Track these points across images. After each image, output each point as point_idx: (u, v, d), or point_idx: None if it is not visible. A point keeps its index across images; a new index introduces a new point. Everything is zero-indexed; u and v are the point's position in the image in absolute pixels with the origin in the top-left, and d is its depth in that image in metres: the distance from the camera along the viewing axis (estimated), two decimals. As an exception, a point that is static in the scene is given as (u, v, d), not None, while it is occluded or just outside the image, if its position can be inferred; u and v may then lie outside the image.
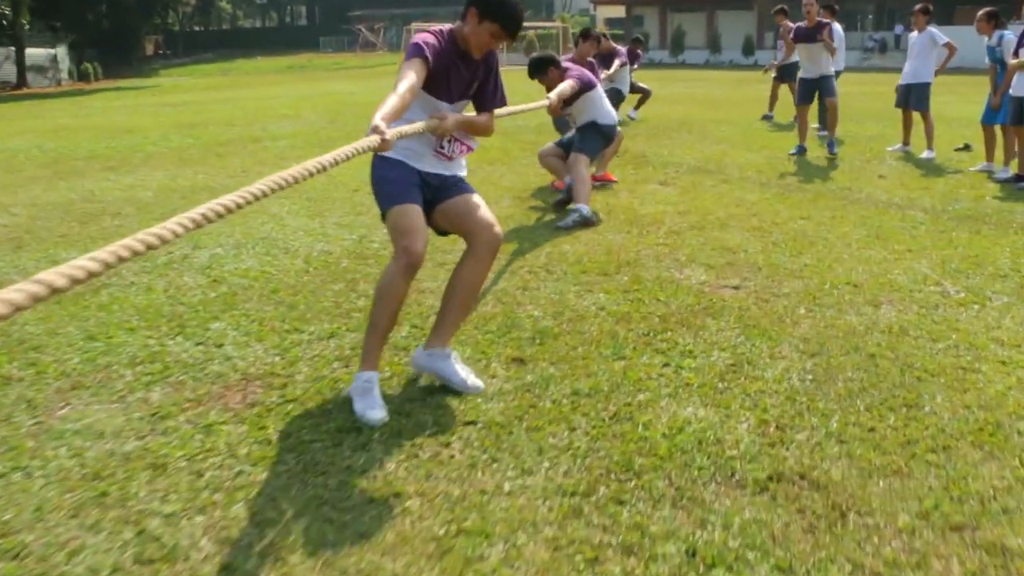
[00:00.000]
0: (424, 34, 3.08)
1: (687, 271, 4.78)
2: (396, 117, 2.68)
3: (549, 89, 6.04)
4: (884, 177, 7.92)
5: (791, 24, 10.48)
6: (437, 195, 3.19)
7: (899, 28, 40.64)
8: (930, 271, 4.77)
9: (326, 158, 2.02)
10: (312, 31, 73.38)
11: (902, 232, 5.71)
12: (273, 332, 3.90)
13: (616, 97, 10.61)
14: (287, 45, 67.22)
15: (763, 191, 7.25)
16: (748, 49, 40.16)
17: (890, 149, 9.67)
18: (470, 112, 3.29)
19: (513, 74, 7.30)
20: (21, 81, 39.45)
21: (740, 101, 17.51)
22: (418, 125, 2.88)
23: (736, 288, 4.44)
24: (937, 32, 9.18)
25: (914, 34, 9.42)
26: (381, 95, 3.00)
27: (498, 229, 3.16)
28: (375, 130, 2.46)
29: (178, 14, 65.81)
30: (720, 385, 3.23)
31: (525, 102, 4.85)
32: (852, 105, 15.30)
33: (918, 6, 9.17)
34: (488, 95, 3.30)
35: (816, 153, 9.37)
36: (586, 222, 5.94)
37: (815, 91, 9.42)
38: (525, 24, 3.84)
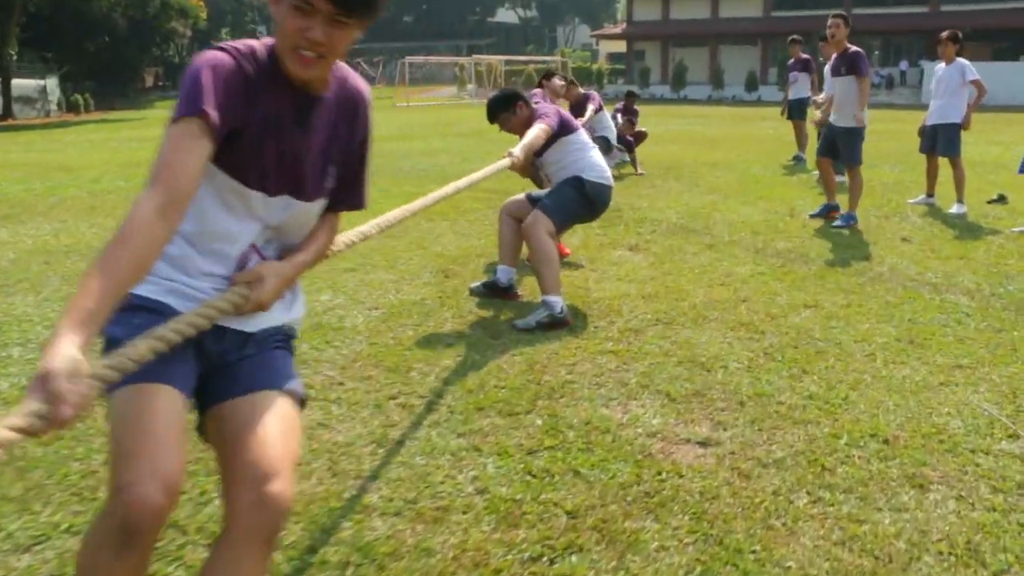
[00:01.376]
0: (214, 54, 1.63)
1: (634, 407, 3.23)
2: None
3: (520, 134, 4.52)
4: (909, 241, 6.38)
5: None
6: (216, 376, 1.73)
7: (904, 64, 39.38)
8: (994, 406, 3.21)
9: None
10: (314, 65, 72.49)
11: (943, 332, 4.15)
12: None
13: (606, 147, 9.15)
14: (287, 78, 66.43)
15: (757, 262, 5.71)
16: (752, 84, 38.86)
17: (912, 202, 8.14)
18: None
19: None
20: (7, 112, 38.37)
21: (740, 140, 16.05)
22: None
23: (703, 446, 2.89)
24: (968, 65, 7.68)
25: (940, 66, 7.93)
26: (380, 128, 1.48)
27: (278, 489, 1.54)
28: None
29: (177, 46, 65.14)
30: None
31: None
32: (872, 148, 13.80)
33: (945, 33, 7.69)
34: (347, 182, 1.85)
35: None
36: (556, 321, 4.26)
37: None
38: (523, 58, 2.29)
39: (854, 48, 7.05)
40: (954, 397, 3.30)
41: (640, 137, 12.04)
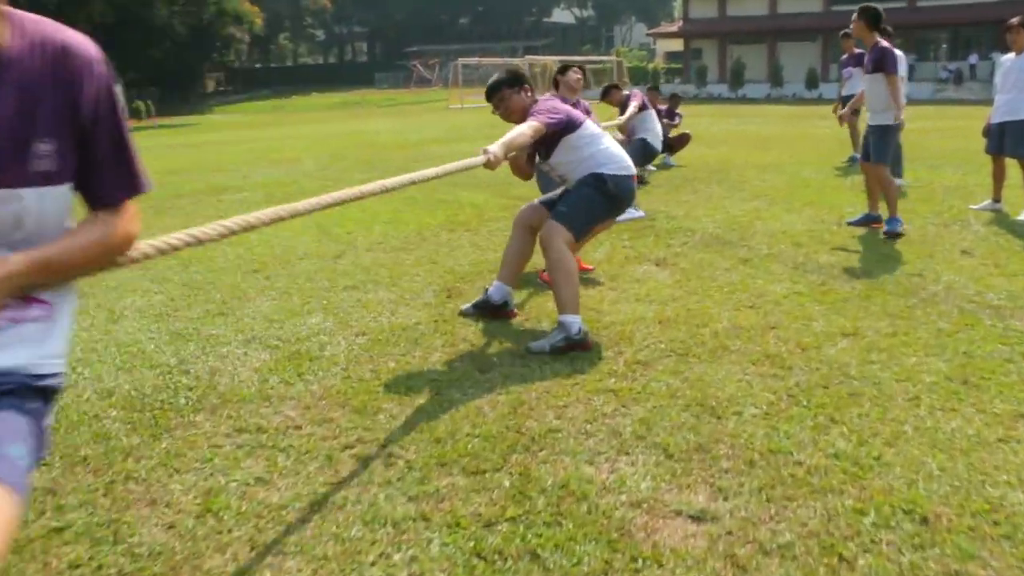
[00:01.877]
0: None
1: (623, 464, 2.74)
2: None
3: (516, 122, 4.10)
4: (970, 254, 5.73)
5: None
6: None
7: (974, 57, 37.67)
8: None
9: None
10: (371, 67, 73.37)
11: (1005, 369, 3.55)
12: None
13: (644, 151, 8.57)
14: (345, 81, 67.25)
15: (794, 279, 5.14)
16: (812, 82, 37.61)
17: (975, 208, 7.43)
18: None
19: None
20: (70, 119, 39.36)
21: (794, 140, 15.29)
22: None
23: (696, 522, 2.38)
24: (1042, 55, 6.96)
25: (1010, 57, 7.20)
26: (410, 134, 1.11)
27: None
28: None
29: (236, 52, 66.21)
30: None
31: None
32: (925, 144, 12.99)
33: (1016, 20, 6.95)
34: (97, 163, 1.46)
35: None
36: (573, 344, 3.82)
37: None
38: (578, 59, 1.86)
39: (881, 43, 6.45)
40: (1016, 459, 2.72)
41: (682, 140, 11.48)
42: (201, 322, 4.64)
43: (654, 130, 9.24)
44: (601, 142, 4.18)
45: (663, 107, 11.76)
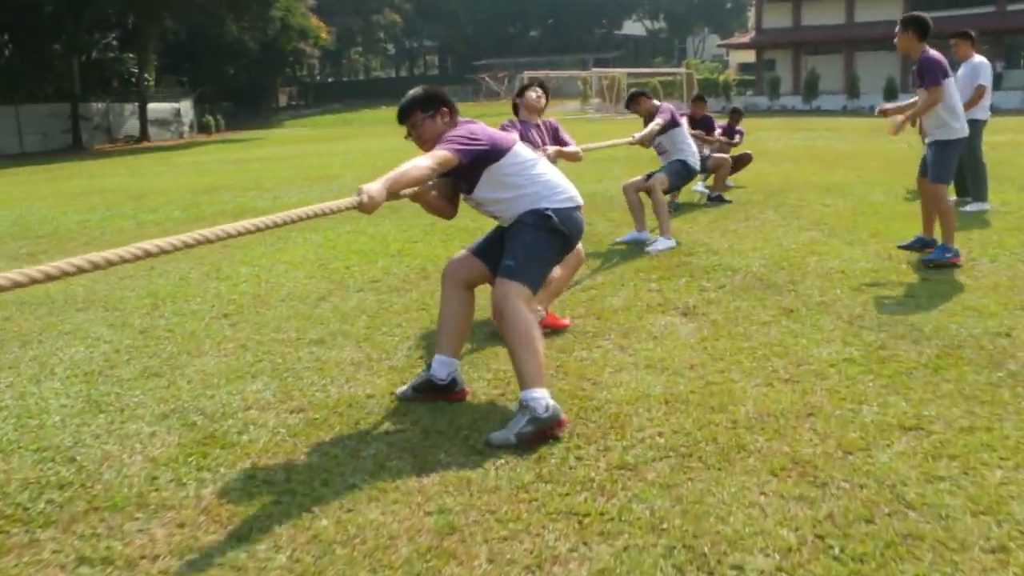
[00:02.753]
0: None
1: (555, 663, 1.90)
2: None
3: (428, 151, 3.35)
4: (1072, 307, 4.67)
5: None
6: None
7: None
8: None
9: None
10: (442, 80, 73.50)
11: None
12: None
13: (684, 172, 7.39)
14: (414, 95, 67.30)
15: (847, 339, 4.18)
16: (890, 93, 35.68)
17: (1078, 243, 6.30)
18: None
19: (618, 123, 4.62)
20: (143, 134, 40.00)
21: (867, 157, 14.06)
22: None
23: None
24: None
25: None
26: None
27: None
28: None
29: (308, 67, 67.00)
30: None
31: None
32: (1014, 162, 11.71)
33: None
34: None
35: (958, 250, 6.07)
36: (542, 428, 3.02)
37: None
38: (647, 70, 1.19)
39: (927, 53, 5.61)
40: None
41: (742, 161, 10.45)
42: (129, 385, 3.95)
43: (691, 148, 8.14)
44: (536, 168, 3.43)
45: (722, 124, 10.72)
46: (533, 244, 3.30)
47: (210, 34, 43.61)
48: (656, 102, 7.35)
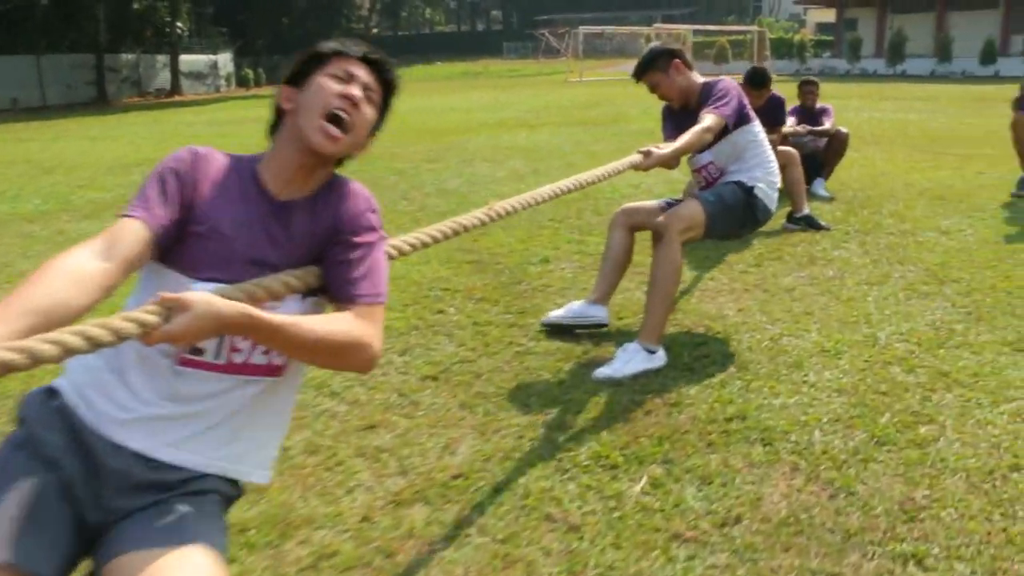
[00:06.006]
0: None
1: None
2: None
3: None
4: None
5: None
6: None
7: None
8: None
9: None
10: (505, 36, 71.05)
11: None
12: None
13: (736, 211, 4.27)
14: (474, 51, 65.29)
15: None
16: (988, 56, 31.89)
17: None
18: None
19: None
20: (175, 87, 38.41)
21: (978, 141, 10.99)
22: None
23: None
24: None
25: None
26: (486, 113, 0.20)
27: None
28: None
29: (361, 19, 64.88)
30: None
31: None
32: None
33: None
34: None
35: None
36: None
37: None
38: (714, 28, 0.27)
39: None
40: None
41: (836, 146, 7.33)
42: None
43: (767, 160, 5.40)
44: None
45: (794, 108, 7.37)
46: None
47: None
48: (698, 77, 3.84)
